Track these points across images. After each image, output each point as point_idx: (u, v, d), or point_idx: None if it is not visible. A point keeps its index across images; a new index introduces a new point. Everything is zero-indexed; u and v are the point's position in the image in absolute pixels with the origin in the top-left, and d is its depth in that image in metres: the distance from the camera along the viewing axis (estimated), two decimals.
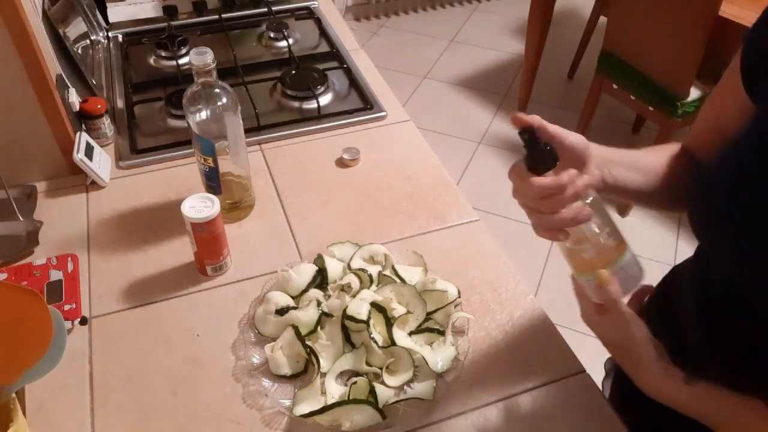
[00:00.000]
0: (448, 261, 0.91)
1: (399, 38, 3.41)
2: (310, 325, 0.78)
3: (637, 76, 2.17)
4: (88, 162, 0.99)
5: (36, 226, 0.94)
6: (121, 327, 0.82)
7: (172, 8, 1.46)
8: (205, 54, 0.80)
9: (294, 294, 0.83)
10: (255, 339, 0.80)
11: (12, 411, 0.63)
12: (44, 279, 0.84)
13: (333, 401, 0.71)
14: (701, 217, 0.62)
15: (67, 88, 1.03)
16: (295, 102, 1.23)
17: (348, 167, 1.08)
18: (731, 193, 0.58)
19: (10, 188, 0.94)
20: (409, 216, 0.99)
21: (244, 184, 0.96)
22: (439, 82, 3.07)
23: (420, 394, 0.73)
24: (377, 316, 0.78)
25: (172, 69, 1.30)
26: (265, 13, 1.50)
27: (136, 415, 0.72)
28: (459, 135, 2.73)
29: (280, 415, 0.72)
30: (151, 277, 0.88)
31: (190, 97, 0.84)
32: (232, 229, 0.95)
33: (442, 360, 0.76)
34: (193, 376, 0.76)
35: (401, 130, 1.17)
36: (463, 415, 0.73)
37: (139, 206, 0.99)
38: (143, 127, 1.16)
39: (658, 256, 2.19)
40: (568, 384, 0.77)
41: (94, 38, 1.32)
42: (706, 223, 0.61)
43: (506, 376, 0.77)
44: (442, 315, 0.81)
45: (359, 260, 0.87)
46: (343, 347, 0.77)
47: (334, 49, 1.38)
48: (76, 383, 0.75)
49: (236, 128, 0.89)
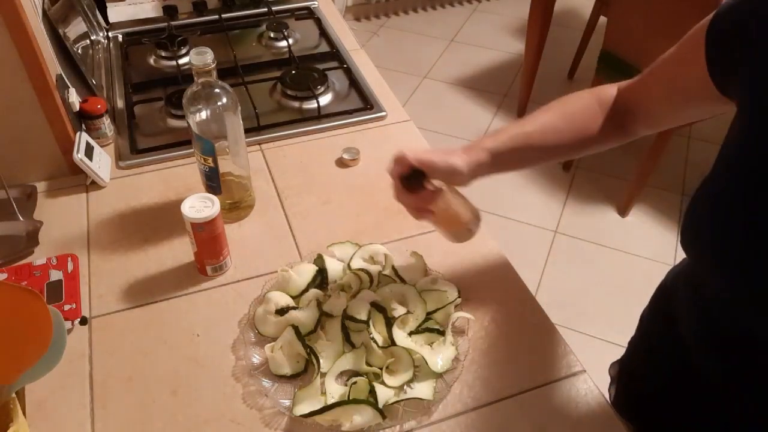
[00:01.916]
0: (448, 261, 0.91)
1: (399, 38, 3.40)
2: (310, 325, 0.78)
3: (637, 75, 2.17)
4: (88, 162, 0.99)
5: (36, 226, 0.94)
6: (121, 327, 0.82)
7: (172, 8, 1.46)
8: (205, 54, 0.80)
9: (294, 294, 0.83)
10: (255, 339, 0.80)
11: (12, 411, 0.62)
12: (44, 279, 0.84)
13: (333, 401, 0.71)
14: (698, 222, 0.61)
15: (67, 88, 1.03)
16: (295, 102, 1.23)
17: (348, 167, 1.08)
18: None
19: (10, 188, 0.94)
20: (409, 216, 0.99)
21: (244, 184, 0.96)
22: (439, 82, 3.07)
23: (420, 394, 0.73)
24: (377, 316, 0.78)
25: (172, 69, 1.30)
26: (265, 13, 1.50)
27: (136, 415, 0.72)
28: (459, 135, 2.73)
29: (280, 415, 0.72)
30: (151, 277, 0.88)
31: (190, 97, 0.84)
32: (232, 229, 0.95)
33: (442, 360, 0.76)
34: (193, 376, 0.76)
35: (401, 130, 1.17)
36: (463, 415, 0.73)
37: (139, 206, 0.99)
38: (143, 127, 1.16)
39: (658, 256, 2.19)
40: (568, 384, 0.77)
41: (94, 38, 1.32)
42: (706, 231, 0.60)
43: (506, 376, 0.77)
44: (442, 315, 0.81)
45: (359, 260, 0.87)
46: (343, 347, 0.77)
47: (334, 49, 1.38)
48: (76, 383, 0.75)
49: (236, 128, 0.89)
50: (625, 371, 0.89)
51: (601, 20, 2.74)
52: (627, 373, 0.89)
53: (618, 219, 2.35)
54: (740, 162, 0.55)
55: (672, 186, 2.48)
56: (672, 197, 2.43)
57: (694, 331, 0.69)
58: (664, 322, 0.77)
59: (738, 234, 0.55)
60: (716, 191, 0.58)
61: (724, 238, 0.56)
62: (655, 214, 2.37)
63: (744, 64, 0.55)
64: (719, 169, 0.58)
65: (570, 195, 2.45)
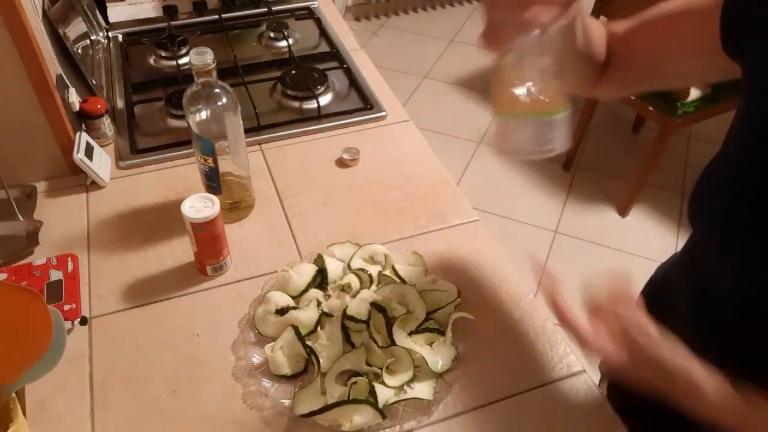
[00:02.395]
0: (448, 261, 0.91)
1: (399, 38, 3.40)
2: (310, 325, 0.78)
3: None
4: (88, 162, 0.99)
5: (36, 226, 0.94)
6: (121, 327, 0.82)
7: (172, 8, 1.46)
8: (205, 54, 0.80)
9: (294, 294, 0.83)
10: (255, 339, 0.80)
11: (12, 411, 0.63)
12: (44, 279, 0.84)
13: (333, 401, 0.71)
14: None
15: (67, 88, 1.03)
16: (295, 102, 1.23)
17: (348, 167, 1.08)
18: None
19: (10, 188, 0.94)
20: (409, 216, 0.99)
21: (244, 184, 0.96)
22: (439, 82, 3.07)
23: (420, 394, 0.73)
24: (377, 316, 0.78)
25: (172, 69, 1.30)
26: (265, 13, 1.50)
27: (136, 415, 0.72)
28: (459, 135, 2.73)
29: (280, 415, 0.72)
30: (151, 277, 0.88)
31: (190, 97, 0.84)
32: (232, 229, 0.95)
33: (442, 360, 0.76)
34: (193, 376, 0.76)
35: (401, 130, 1.17)
36: (463, 415, 0.73)
37: (139, 206, 0.99)
38: (143, 127, 1.16)
39: (658, 256, 2.18)
40: (568, 384, 0.77)
41: (94, 38, 1.32)
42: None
43: (506, 376, 0.77)
44: (442, 315, 0.81)
45: (359, 260, 0.87)
46: (343, 347, 0.77)
47: (334, 49, 1.38)
48: (76, 383, 0.75)
49: (236, 128, 0.89)
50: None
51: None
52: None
53: (618, 219, 2.35)
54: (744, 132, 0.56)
55: (672, 186, 2.48)
56: (672, 197, 2.43)
57: (692, 332, 0.69)
58: (653, 317, 0.77)
59: (746, 208, 0.55)
60: (726, 163, 0.58)
61: (732, 211, 0.56)
62: (655, 214, 2.37)
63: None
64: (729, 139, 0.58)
65: (570, 195, 2.45)
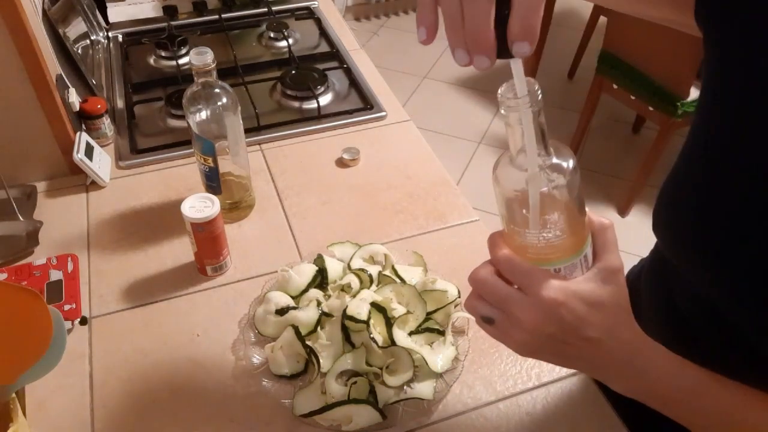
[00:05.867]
0: (448, 261, 0.91)
1: (399, 38, 3.41)
2: (310, 325, 0.78)
3: (637, 75, 2.17)
4: (88, 162, 0.99)
5: (36, 226, 0.94)
6: (121, 327, 0.82)
7: (172, 8, 1.46)
8: (205, 54, 0.81)
9: (294, 294, 0.83)
10: (255, 339, 0.80)
11: (12, 411, 0.63)
12: (44, 279, 0.84)
13: (333, 401, 0.71)
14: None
15: (67, 88, 1.03)
16: (295, 102, 1.23)
17: (348, 167, 1.08)
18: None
19: (10, 188, 0.94)
20: (409, 216, 0.99)
21: (244, 184, 0.96)
22: (439, 82, 3.07)
23: (420, 394, 0.73)
24: (377, 316, 0.78)
25: (172, 69, 1.30)
26: (265, 13, 1.50)
27: (136, 415, 0.72)
28: (459, 135, 2.73)
29: (280, 415, 0.72)
30: (151, 277, 0.88)
31: (190, 97, 0.84)
32: (232, 229, 0.95)
33: (442, 360, 0.76)
34: (193, 376, 0.76)
35: (401, 130, 1.17)
36: (463, 415, 0.73)
37: (139, 206, 0.99)
38: (143, 127, 1.16)
39: None
40: (568, 384, 0.77)
41: (94, 38, 1.32)
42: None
43: (506, 376, 0.77)
44: (442, 315, 0.81)
45: (359, 260, 0.87)
46: (343, 347, 0.77)
47: (334, 49, 1.38)
48: (76, 383, 0.75)
49: (236, 128, 0.89)
50: None
51: (601, 20, 2.74)
52: None
53: (618, 219, 2.35)
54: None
55: None
56: None
57: (659, 323, 0.68)
58: None
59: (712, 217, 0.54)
60: (685, 172, 0.57)
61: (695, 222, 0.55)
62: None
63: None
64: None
65: None
